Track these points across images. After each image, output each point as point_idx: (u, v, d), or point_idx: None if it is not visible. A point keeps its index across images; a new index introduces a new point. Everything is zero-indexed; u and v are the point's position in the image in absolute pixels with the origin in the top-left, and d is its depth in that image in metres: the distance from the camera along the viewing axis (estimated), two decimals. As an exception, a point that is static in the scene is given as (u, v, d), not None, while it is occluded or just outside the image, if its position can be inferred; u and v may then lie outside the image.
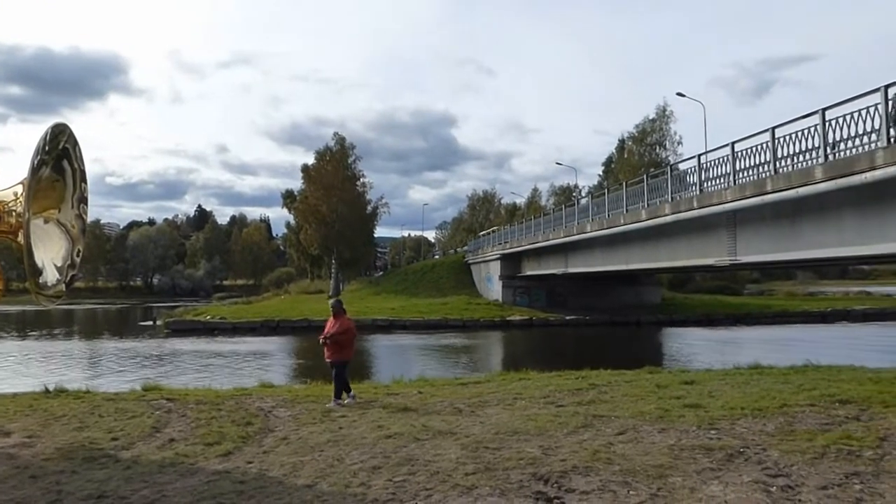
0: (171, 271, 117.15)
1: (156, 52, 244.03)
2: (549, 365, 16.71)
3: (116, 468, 6.78)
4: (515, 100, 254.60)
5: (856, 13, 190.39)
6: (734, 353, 26.00)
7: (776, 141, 18.40)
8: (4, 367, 26.31)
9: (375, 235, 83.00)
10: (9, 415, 9.68)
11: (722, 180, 21.55)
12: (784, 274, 75.55)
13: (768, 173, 18.66)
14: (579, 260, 38.65)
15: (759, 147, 19.32)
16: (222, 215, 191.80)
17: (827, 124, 16.26)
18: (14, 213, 7.84)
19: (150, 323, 48.49)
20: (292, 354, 31.93)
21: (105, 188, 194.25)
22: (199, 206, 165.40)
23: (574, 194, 71.87)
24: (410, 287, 60.37)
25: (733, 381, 11.53)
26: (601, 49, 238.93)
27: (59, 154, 8.43)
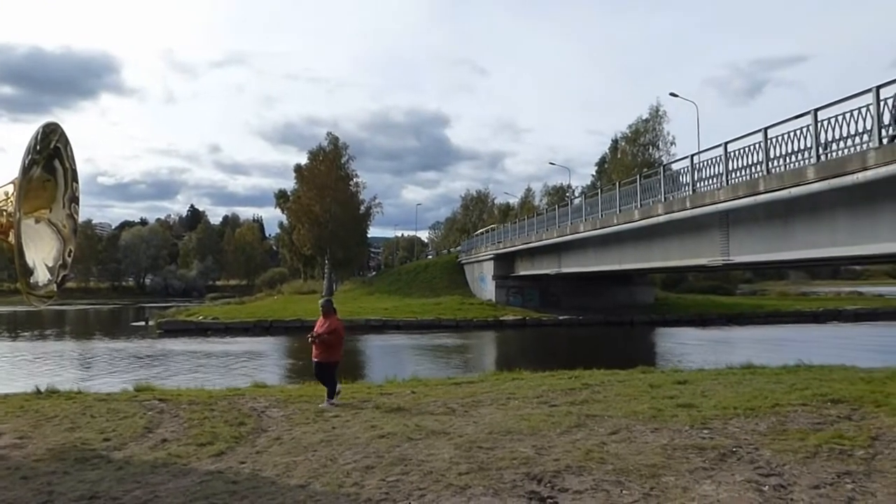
0: (164, 271, 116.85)
1: (148, 52, 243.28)
2: (543, 365, 16.71)
3: (108, 469, 6.74)
4: (509, 100, 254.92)
5: (848, 14, 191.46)
6: (727, 353, 26.07)
7: (769, 141, 18.48)
8: (-5, 368, 26.16)
9: (368, 235, 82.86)
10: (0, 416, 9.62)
11: (715, 180, 21.63)
12: (776, 274, 75.78)
13: (761, 173, 18.74)
14: (573, 260, 38.70)
15: (752, 147, 19.41)
16: (215, 215, 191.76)
17: (819, 125, 16.35)
18: (5, 213, 7.79)
19: (143, 323, 48.31)
20: (285, 355, 31.85)
21: (97, 188, 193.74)
22: (192, 206, 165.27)
23: (567, 194, 72.18)
24: (404, 287, 60.35)
25: (726, 381, 11.55)
26: (594, 49, 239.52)
27: (51, 153, 8.38)
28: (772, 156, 18.35)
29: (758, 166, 19.03)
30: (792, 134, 17.58)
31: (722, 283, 63.63)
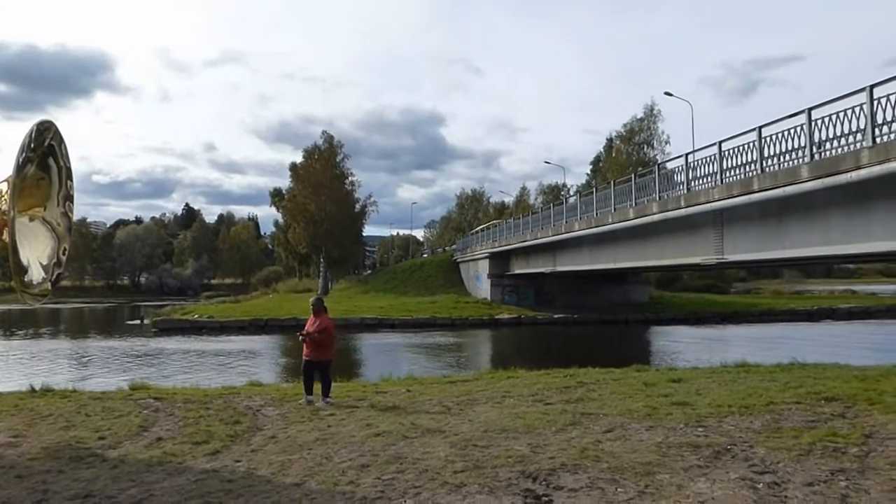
0: (159, 270, 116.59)
1: (143, 50, 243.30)
2: (538, 363, 16.73)
3: (103, 467, 6.73)
4: (504, 99, 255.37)
5: (842, 14, 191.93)
6: (721, 352, 26.12)
7: (763, 140, 18.51)
8: (-11, 367, 26.07)
9: (364, 234, 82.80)
10: (-6, 414, 9.60)
11: (709, 179, 21.66)
12: (771, 273, 75.98)
13: (755, 172, 18.78)
14: (567, 258, 38.73)
15: (746, 146, 19.46)
16: (210, 214, 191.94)
17: (813, 124, 16.38)
18: (-1, 211, 7.77)
19: (138, 322, 48.13)
20: (281, 353, 31.79)
21: (92, 186, 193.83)
22: (187, 205, 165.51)
23: (562, 193, 72.08)
24: (399, 286, 60.32)
25: (720, 379, 11.57)
26: (590, 49, 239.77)
27: (45, 151, 8.36)
28: (766, 155, 18.38)
29: (752, 165, 19.07)
30: (786, 133, 17.62)
31: (716, 282, 63.83)
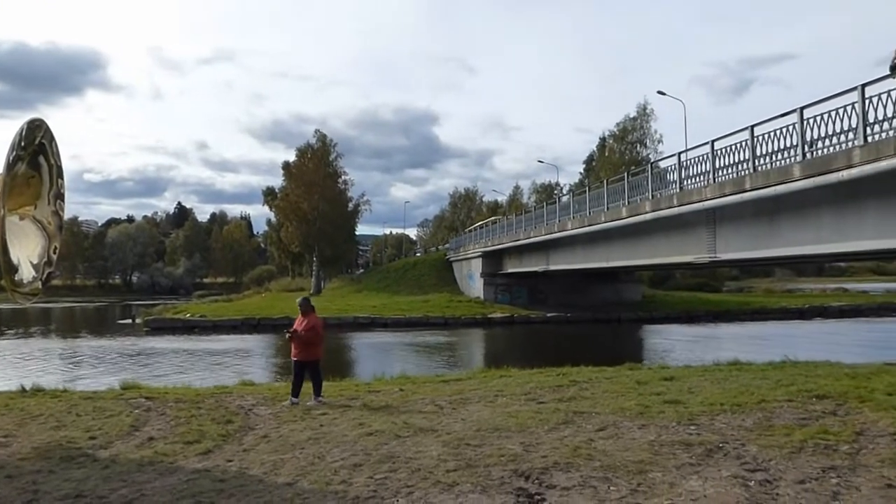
0: (151, 269, 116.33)
1: (135, 48, 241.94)
2: (530, 362, 16.75)
3: (94, 467, 6.70)
4: (497, 98, 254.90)
5: (834, 13, 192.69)
6: (713, 350, 26.23)
7: (755, 139, 18.55)
8: (-20, 367, 25.94)
9: (357, 233, 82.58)
10: (-16, 414, 9.54)
11: (702, 178, 21.70)
12: (763, 271, 76.18)
13: (747, 171, 18.81)
14: (560, 257, 38.77)
15: (739, 145, 19.48)
16: (202, 213, 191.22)
17: (805, 122, 16.41)
18: (-11, 210, 7.72)
19: (129, 321, 47.96)
20: (273, 352, 31.70)
21: (83, 185, 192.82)
22: (179, 204, 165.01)
23: (555, 192, 72.19)
24: (392, 285, 60.27)
25: (712, 377, 11.60)
26: (583, 48, 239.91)
27: (36, 150, 8.32)
28: (758, 154, 18.42)
29: (744, 164, 19.10)
30: (778, 132, 17.64)
31: (709, 281, 64.03)
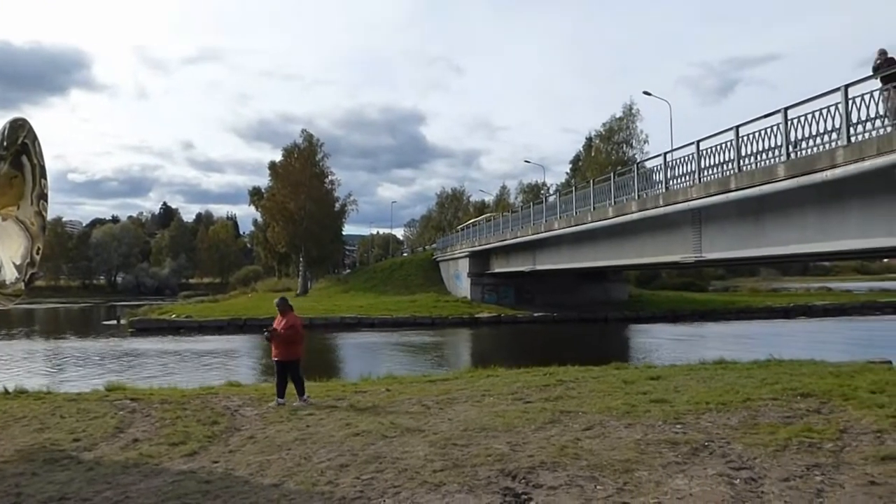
0: (136, 269, 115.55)
1: (120, 47, 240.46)
2: (517, 361, 16.77)
3: (78, 469, 6.65)
4: (484, 98, 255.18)
5: (817, 14, 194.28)
6: (699, 349, 26.37)
7: (740, 139, 18.65)
8: (-38, 368, 25.65)
9: (343, 233, 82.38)
10: (-34, 416, 9.44)
11: (687, 178, 21.79)
12: (748, 270, 76.64)
13: (732, 171, 18.92)
14: (547, 257, 38.84)
15: (724, 145, 19.58)
16: (188, 213, 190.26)
17: (789, 123, 16.52)
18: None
19: (114, 322, 47.65)
20: (260, 353, 31.55)
21: (67, 185, 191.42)
22: (165, 204, 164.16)
23: (542, 192, 72.27)
24: (379, 285, 60.18)
25: (698, 376, 11.66)
26: (570, 48, 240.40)
27: (18, 149, 8.24)
28: (743, 154, 18.52)
29: (729, 164, 19.20)
30: (763, 132, 17.76)
31: (695, 280, 64.38)
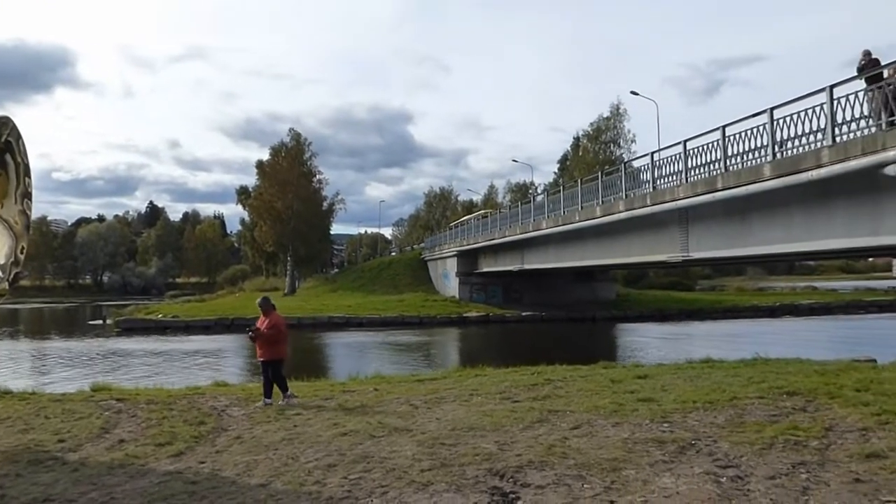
0: (122, 269, 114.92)
1: (105, 45, 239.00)
2: (505, 361, 16.78)
3: (63, 471, 6.60)
4: (472, 97, 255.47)
5: (802, 15, 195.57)
6: (686, 348, 26.47)
7: (727, 139, 18.74)
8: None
9: (331, 232, 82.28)
10: (-51, 418, 9.35)
11: (674, 178, 21.86)
12: (735, 270, 77.22)
13: (719, 171, 19.01)
14: (535, 256, 38.91)
15: (711, 145, 19.66)
16: (175, 212, 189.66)
17: (775, 123, 16.61)
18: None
19: (100, 322, 47.28)
20: (247, 353, 31.42)
21: (52, 184, 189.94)
22: (151, 203, 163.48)
23: (530, 191, 72.39)
24: (367, 284, 60.10)
25: (685, 375, 11.70)
26: (558, 48, 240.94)
27: (2, 148, 8.16)
28: (730, 153, 18.61)
29: (716, 164, 19.29)
30: (749, 132, 17.85)
31: (682, 280, 64.73)
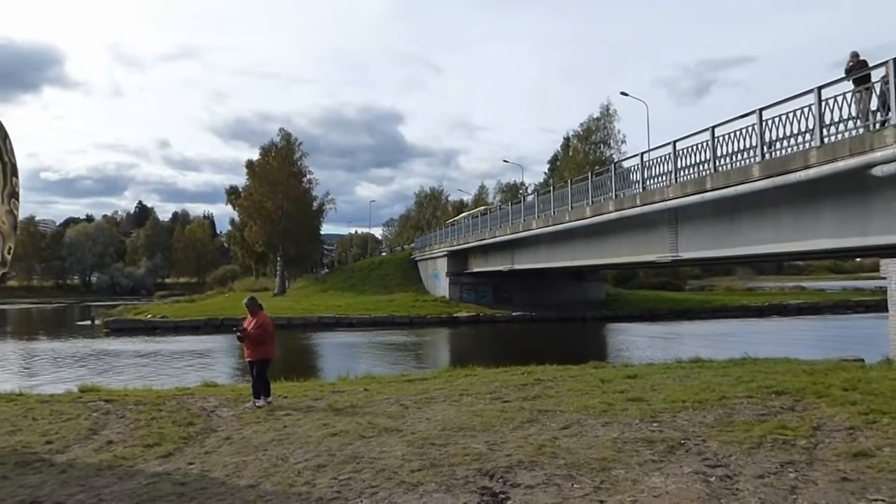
0: (111, 269, 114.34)
1: (94, 44, 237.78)
2: (496, 361, 16.79)
3: (51, 472, 6.56)
4: (463, 97, 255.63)
5: (790, 17, 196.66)
6: (676, 348, 26.55)
7: (716, 140, 18.82)
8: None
9: (322, 232, 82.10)
10: (-65, 419, 9.27)
11: (664, 178, 21.94)
12: (724, 270, 77.52)
13: (708, 171, 19.09)
14: (525, 256, 38.96)
15: (700, 146, 19.75)
16: (164, 212, 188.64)
17: (764, 124, 16.71)
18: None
19: (89, 322, 47.04)
20: (236, 353, 31.33)
21: (40, 183, 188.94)
22: (140, 203, 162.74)
23: (520, 192, 72.48)
24: (357, 284, 60.01)
25: (675, 375, 11.73)
26: (548, 48, 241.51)
27: (-12, 147, 8.11)
28: (719, 154, 18.70)
29: (705, 164, 19.37)
30: (738, 133, 17.94)
31: (671, 280, 64.94)
